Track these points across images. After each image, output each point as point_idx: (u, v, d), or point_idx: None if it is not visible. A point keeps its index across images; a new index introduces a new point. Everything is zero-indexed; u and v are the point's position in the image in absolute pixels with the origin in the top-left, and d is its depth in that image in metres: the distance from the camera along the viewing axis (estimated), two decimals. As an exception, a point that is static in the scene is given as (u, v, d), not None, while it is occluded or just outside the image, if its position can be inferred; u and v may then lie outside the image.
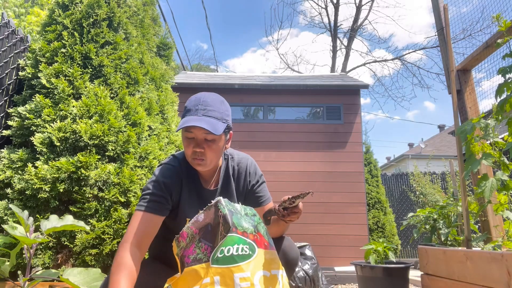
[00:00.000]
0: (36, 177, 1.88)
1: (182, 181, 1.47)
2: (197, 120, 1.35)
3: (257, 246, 1.19)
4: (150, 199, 1.38)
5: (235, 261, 1.13)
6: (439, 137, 25.67)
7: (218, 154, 1.45)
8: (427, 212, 2.71)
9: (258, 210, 1.53)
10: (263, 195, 1.61)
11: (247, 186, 1.59)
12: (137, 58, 2.44)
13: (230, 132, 1.50)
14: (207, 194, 1.52)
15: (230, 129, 1.48)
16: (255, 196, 1.59)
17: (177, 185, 1.46)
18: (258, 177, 1.62)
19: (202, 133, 1.37)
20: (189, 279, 1.14)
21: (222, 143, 1.44)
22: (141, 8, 2.71)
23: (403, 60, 14.08)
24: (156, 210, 1.37)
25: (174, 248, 1.25)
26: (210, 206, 1.25)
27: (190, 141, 1.41)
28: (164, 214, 1.40)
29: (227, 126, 1.43)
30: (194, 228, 1.23)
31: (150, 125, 2.34)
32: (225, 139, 1.47)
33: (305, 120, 5.63)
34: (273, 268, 1.18)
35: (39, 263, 1.80)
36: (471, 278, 1.67)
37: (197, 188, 1.51)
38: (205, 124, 1.33)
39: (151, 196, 1.38)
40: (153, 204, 1.37)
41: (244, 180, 1.58)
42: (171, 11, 12.86)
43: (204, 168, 1.45)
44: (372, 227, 6.35)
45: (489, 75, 2.37)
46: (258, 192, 1.60)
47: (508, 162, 1.86)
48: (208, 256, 1.15)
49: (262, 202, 1.60)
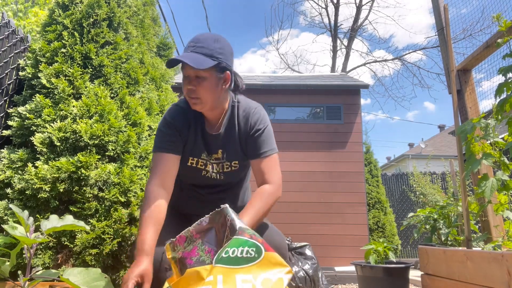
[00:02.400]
0: (36, 177, 1.88)
1: (190, 122, 1.50)
2: (183, 56, 1.35)
3: (264, 249, 1.18)
4: (163, 140, 1.44)
5: (238, 263, 1.12)
6: (439, 137, 25.67)
7: (212, 94, 1.40)
8: (427, 212, 2.71)
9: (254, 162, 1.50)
10: (263, 146, 1.50)
11: (248, 133, 1.51)
12: (137, 58, 2.44)
13: (227, 72, 1.44)
14: (210, 138, 1.53)
15: (225, 69, 1.42)
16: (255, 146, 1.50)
17: (184, 125, 1.49)
18: (261, 125, 1.52)
19: (189, 69, 1.37)
20: (190, 280, 1.14)
21: (213, 81, 1.39)
22: (141, 8, 2.71)
23: (403, 60, 14.09)
24: (169, 149, 1.43)
25: (168, 252, 1.24)
26: (217, 212, 1.24)
27: (184, 79, 1.41)
28: (179, 153, 1.45)
29: (219, 65, 1.39)
30: (195, 233, 1.23)
31: (150, 125, 2.34)
32: (218, 78, 1.42)
33: (305, 120, 5.63)
34: (279, 272, 1.17)
35: (39, 263, 1.80)
36: (471, 278, 1.67)
37: (202, 131, 1.52)
38: (187, 59, 1.32)
39: (163, 137, 1.45)
40: (167, 144, 1.44)
41: (247, 127, 1.51)
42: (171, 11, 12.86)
43: (201, 108, 1.44)
44: (372, 227, 6.34)
45: (489, 75, 2.37)
46: (257, 142, 1.50)
47: (508, 162, 1.86)
48: (212, 258, 1.16)
49: (261, 153, 1.49)
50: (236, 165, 1.56)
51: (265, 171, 1.49)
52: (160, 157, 1.42)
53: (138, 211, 1.98)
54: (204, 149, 1.51)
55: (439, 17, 2.78)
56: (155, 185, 1.36)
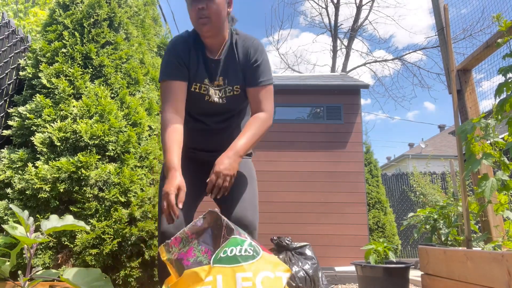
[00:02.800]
0: (36, 177, 1.88)
1: (190, 49, 1.59)
2: None
3: (261, 249, 1.19)
4: (169, 67, 1.55)
5: (238, 261, 1.13)
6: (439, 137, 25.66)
7: (219, 15, 1.52)
8: (427, 212, 2.71)
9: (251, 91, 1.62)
10: (261, 76, 1.60)
11: (247, 62, 1.61)
12: (138, 58, 2.45)
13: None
14: (211, 62, 1.61)
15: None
16: (253, 75, 1.60)
17: (185, 50, 1.58)
18: (260, 57, 1.61)
19: None
20: (189, 281, 1.14)
21: (222, 2, 1.52)
22: (142, 8, 2.72)
23: (403, 60, 14.09)
24: (176, 76, 1.54)
25: (163, 254, 1.24)
26: (210, 212, 1.25)
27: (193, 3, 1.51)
28: (185, 79, 1.56)
29: None
30: (191, 233, 1.24)
31: (150, 125, 2.34)
32: (226, 2, 1.56)
33: (305, 120, 5.62)
34: (278, 270, 1.17)
35: (39, 263, 1.80)
36: (471, 278, 1.67)
37: (203, 57, 1.61)
38: None
39: (169, 65, 1.56)
40: (173, 71, 1.55)
41: (247, 55, 1.61)
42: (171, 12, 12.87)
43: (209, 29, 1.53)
44: (372, 227, 6.34)
45: (489, 75, 2.37)
46: (257, 71, 1.60)
47: (508, 162, 1.86)
48: (209, 259, 1.16)
49: (259, 82, 1.59)
50: (238, 90, 1.63)
51: (261, 99, 1.60)
52: (170, 85, 1.54)
53: (138, 211, 1.98)
54: (206, 75, 1.60)
55: (439, 17, 2.78)
56: (170, 112, 1.50)
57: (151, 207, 2.06)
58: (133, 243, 1.95)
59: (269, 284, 1.12)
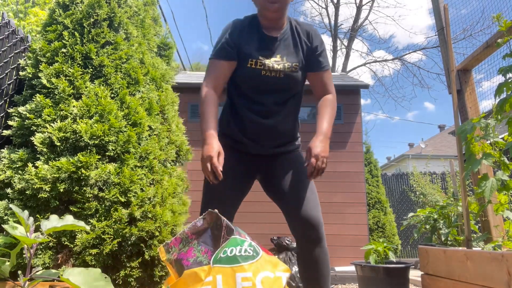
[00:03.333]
0: (36, 177, 1.88)
1: (245, 28, 1.68)
2: None
3: (261, 250, 1.20)
4: (217, 48, 1.64)
5: (237, 261, 1.13)
6: (439, 137, 25.67)
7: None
8: (427, 212, 2.71)
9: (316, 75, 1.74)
10: (324, 61, 1.74)
11: (309, 46, 1.71)
12: (138, 58, 2.44)
13: None
14: (268, 40, 1.68)
15: None
16: (317, 60, 1.72)
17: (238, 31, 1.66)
18: (323, 44, 1.73)
19: None
20: (189, 281, 1.14)
21: None
22: (142, 8, 2.71)
23: (403, 60, 14.09)
24: (222, 56, 1.63)
25: (163, 254, 1.25)
26: (210, 212, 1.25)
27: None
28: (230, 59, 1.63)
29: None
30: (191, 233, 1.24)
31: (150, 125, 2.34)
32: None
33: (305, 120, 5.62)
34: (278, 270, 1.18)
35: (39, 263, 1.80)
36: (471, 278, 1.67)
37: (261, 34, 1.68)
38: None
39: (217, 45, 1.65)
40: (219, 51, 1.64)
41: (309, 39, 1.71)
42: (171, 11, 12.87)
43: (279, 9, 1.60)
44: (372, 227, 6.34)
45: (489, 75, 2.37)
46: (320, 56, 1.72)
47: (508, 162, 1.86)
48: (209, 259, 1.16)
49: (317, 68, 1.73)
50: (296, 68, 1.69)
51: (326, 82, 1.76)
52: (214, 63, 1.65)
53: (138, 211, 1.98)
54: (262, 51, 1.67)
55: (439, 17, 2.78)
56: (210, 87, 1.61)
57: (151, 207, 2.06)
58: (133, 243, 1.95)
59: (269, 284, 1.12)
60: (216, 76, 1.64)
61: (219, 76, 1.64)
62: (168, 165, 2.42)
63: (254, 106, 1.69)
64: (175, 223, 2.17)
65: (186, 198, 2.53)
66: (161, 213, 2.07)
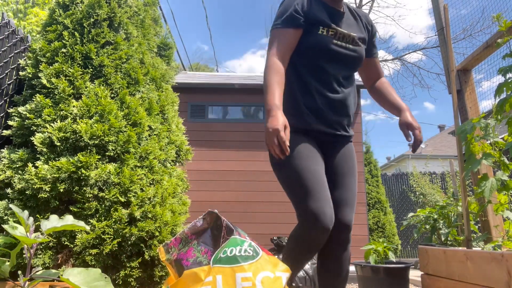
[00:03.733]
0: (36, 177, 1.88)
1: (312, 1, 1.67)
2: None
3: (261, 250, 1.20)
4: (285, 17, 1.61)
5: (237, 261, 1.13)
6: (439, 137, 25.67)
7: None
8: (427, 212, 2.71)
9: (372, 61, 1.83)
10: (376, 47, 1.84)
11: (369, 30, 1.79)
12: (138, 58, 2.44)
13: None
14: (334, 11, 1.69)
15: None
16: (374, 46, 1.83)
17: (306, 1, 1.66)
18: (376, 29, 1.83)
19: None
20: (189, 282, 1.14)
21: None
22: (142, 9, 2.71)
23: (403, 60, 14.07)
24: (290, 23, 1.60)
25: (162, 255, 1.25)
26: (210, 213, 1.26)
27: None
28: (297, 26, 1.61)
29: None
30: (190, 233, 1.24)
31: (150, 125, 2.34)
32: None
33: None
34: (278, 270, 1.18)
35: (39, 263, 1.80)
36: (471, 278, 1.67)
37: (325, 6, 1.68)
38: None
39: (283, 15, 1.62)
40: (288, 19, 1.61)
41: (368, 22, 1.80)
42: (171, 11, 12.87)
43: None
44: (372, 227, 6.34)
45: (489, 75, 2.37)
46: (373, 43, 1.82)
47: (508, 162, 1.86)
48: (209, 259, 1.16)
49: (374, 53, 1.83)
50: (364, 40, 1.74)
51: (378, 67, 1.87)
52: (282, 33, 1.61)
53: (138, 211, 1.98)
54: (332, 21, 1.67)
55: (439, 17, 2.78)
56: (277, 58, 1.57)
57: (151, 207, 2.06)
58: (133, 243, 1.95)
59: (269, 284, 1.12)
60: (284, 46, 1.59)
61: (287, 45, 1.60)
62: (168, 165, 2.42)
63: (324, 76, 1.65)
64: (175, 223, 2.17)
65: (186, 198, 2.53)
66: (161, 213, 2.07)
